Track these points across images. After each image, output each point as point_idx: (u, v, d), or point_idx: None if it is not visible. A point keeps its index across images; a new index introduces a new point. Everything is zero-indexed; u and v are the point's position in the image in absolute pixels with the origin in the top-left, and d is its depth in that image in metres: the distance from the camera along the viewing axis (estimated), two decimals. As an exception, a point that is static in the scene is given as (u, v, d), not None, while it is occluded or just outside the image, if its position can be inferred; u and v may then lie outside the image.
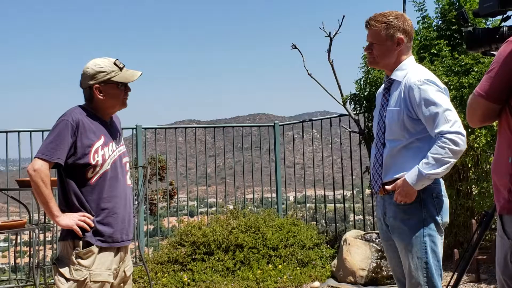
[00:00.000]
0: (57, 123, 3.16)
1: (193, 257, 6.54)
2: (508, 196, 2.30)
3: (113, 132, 3.36)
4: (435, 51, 6.63)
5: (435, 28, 7.02)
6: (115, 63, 3.27)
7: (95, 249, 3.14)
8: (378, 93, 3.43)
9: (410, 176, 3.02)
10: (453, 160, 2.97)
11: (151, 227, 10.86)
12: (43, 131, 7.09)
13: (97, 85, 3.23)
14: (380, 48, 3.23)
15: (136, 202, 6.06)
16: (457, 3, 6.87)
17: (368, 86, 7.15)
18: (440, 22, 7.07)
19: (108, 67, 3.24)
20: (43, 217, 6.41)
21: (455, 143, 2.94)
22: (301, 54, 8.00)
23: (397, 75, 3.22)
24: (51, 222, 7.42)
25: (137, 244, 6.37)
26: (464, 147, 2.98)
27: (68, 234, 3.14)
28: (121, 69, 3.28)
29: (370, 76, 7.03)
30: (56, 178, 3.23)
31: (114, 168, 3.25)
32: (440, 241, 3.12)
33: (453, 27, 6.85)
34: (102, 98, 3.25)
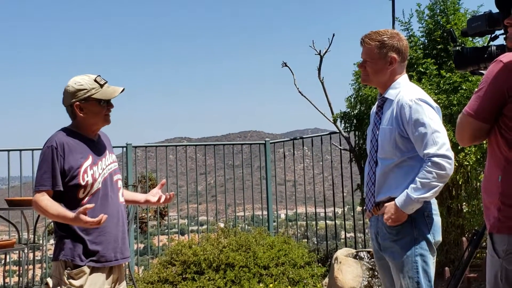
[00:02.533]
0: (43, 151, 3.17)
1: (184, 276, 6.49)
2: (498, 215, 2.30)
3: (101, 150, 3.34)
4: (422, 70, 6.67)
5: (421, 47, 7.07)
6: (95, 80, 3.24)
7: (86, 269, 3.12)
8: (372, 111, 3.44)
9: (399, 200, 3.02)
10: (441, 184, 2.98)
11: (142, 245, 10.79)
12: (33, 149, 7.06)
13: (77, 103, 3.20)
14: (373, 66, 3.24)
15: (127, 221, 6.03)
16: (440, 22, 6.92)
17: (358, 104, 7.18)
18: (426, 41, 7.11)
19: (88, 85, 3.21)
20: (32, 236, 6.36)
21: (441, 167, 2.95)
22: (291, 72, 8.05)
23: (390, 93, 3.22)
24: (41, 242, 7.37)
25: (127, 263, 6.33)
26: (451, 171, 2.99)
27: (59, 254, 3.12)
28: (101, 85, 3.24)
29: (360, 94, 7.06)
30: None
31: (104, 186, 3.23)
32: (432, 261, 3.12)
33: (439, 46, 6.90)
34: (84, 116, 3.23)
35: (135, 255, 7.79)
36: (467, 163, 5.95)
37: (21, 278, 5.92)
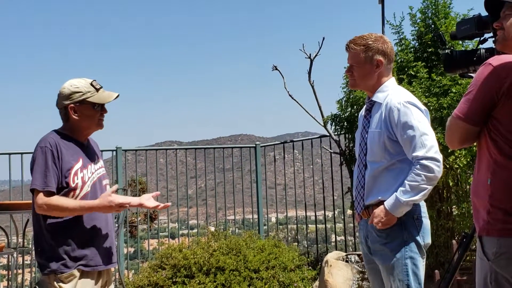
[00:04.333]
0: (36, 152, 3.13)
1: (174, 280, 6.46)
2: (487, 218, 2.31)
3: (91, 154, 3.33)
4: (412, 73, 6.68)
5: (411, 50, 7.08)
6: (91, 84, 3.25)
7: (76, 272, 3.10)
8: (360, 115, 3.45)
9: (388, 203, 3.03)
10: (430, 187, 3.00)
11: (132, 249, 10.75)
12: (22, 153, 7.02)
13: (72, 105, 3.21)
14: (359, 70, 3.25)
15: (116, 225, 6.01)
16: (433, 26, 6.95)
17: (349, 106, 7.18)
18: (417, 44, 7.13)
19: (84, 88, 3.22)
20: (22, 240, 6.32)
21: (430, 170, 2.96)
22: (282, 75, 8.04)
23: (378, 96, 3.23)
24: (30, 246, 7.33)
25: (117, 267, 6.29)
26: (440, 173, 3.01)
27: (46, 264, 3.10)
28: (97, 90, 3.25)
29: (351, 96, 7.06)
30: (30, 202, 3.19)
31: (93, 190, 3.22)
32: (421, 263, 3.13)
33: (430, 49, 6.91)
34: (77, 119, 3.23)
35: (125, 259, 7.75)
36: (457, 166, 5.97)
37: (10, 283, 5.88)
